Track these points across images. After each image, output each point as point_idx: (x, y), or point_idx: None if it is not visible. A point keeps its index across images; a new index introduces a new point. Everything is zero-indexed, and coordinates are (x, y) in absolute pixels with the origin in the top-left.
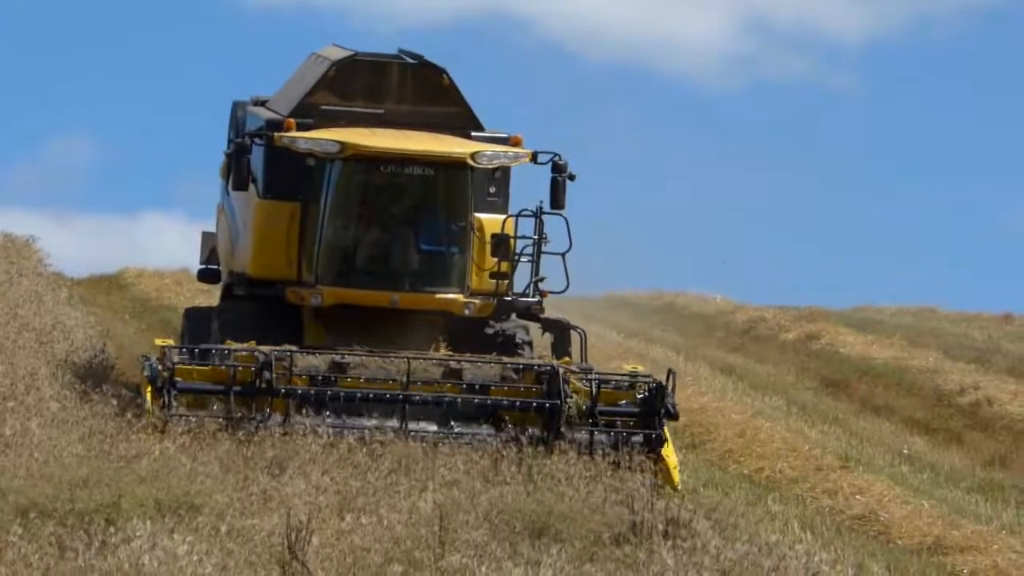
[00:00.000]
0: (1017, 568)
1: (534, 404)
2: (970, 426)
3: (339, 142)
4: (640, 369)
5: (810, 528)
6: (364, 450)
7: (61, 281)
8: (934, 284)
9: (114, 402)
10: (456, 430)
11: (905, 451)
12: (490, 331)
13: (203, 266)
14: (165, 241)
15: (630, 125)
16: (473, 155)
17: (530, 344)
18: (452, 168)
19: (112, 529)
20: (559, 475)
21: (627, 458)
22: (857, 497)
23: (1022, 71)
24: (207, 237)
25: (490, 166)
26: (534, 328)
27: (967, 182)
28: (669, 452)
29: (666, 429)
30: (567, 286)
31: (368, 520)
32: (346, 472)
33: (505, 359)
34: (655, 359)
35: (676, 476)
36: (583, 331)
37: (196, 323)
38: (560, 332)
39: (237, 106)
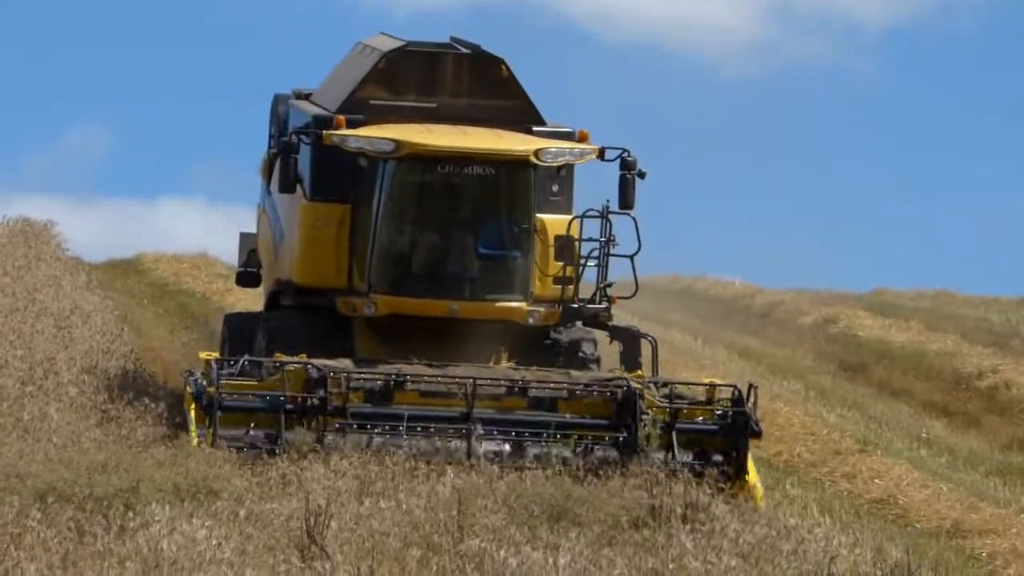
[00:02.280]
0: None
1: (607, 430)
2: (988, 410)
3: (394, 140)
4: (717, 381)
5: (828, 512)
6: None
7: (79, 266)
8: (953, 268)
9: (132, 387)
10: (532, 452)
11: (923, 435)
12: (554, 340)
13: (241, 269)
14: (183, 226)
15: (647, 106)
16: (537, 152)
17: (598, 355)
18: (514, 167)
19: (131, 514)
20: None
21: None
22: (876, 481)
23: None
24: (245, 238)
25: (555, 164)
26: (601, 336)
27: (985, 166)
28: (752, 472)
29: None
30: (636, 290)
31: (387, 504)
32: (365, 456)
33: (574, 372)
34: (673, 343)
35: (760, 497)
36: (654, 339)
37: (237, 331)
38: (630, 340)
39: (278, 100)
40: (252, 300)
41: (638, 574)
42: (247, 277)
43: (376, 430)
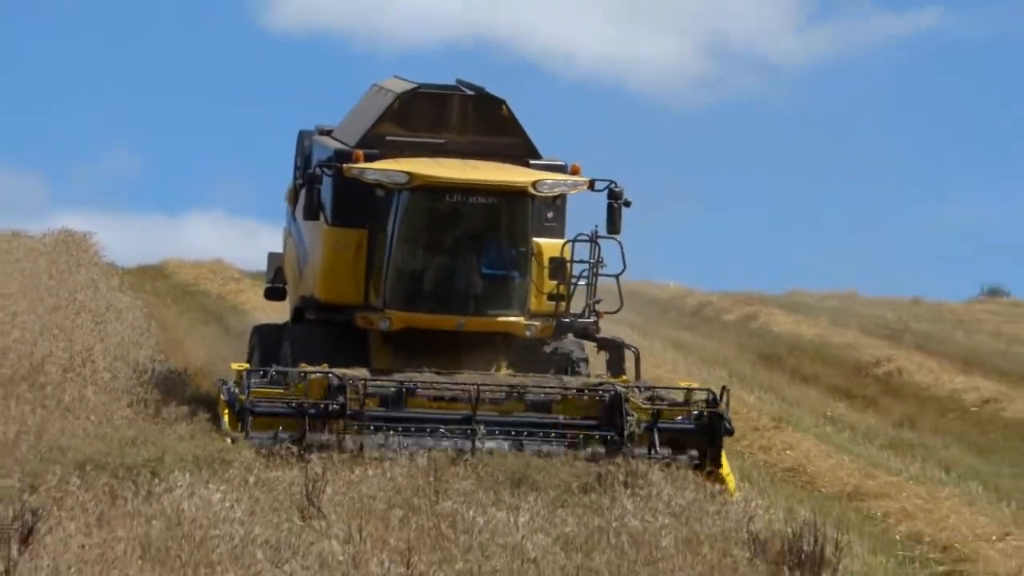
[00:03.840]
0: (922, 511)
1: (597, 430)
2: (883, 393)
3: (407, 172)
4: (694, 385)
5: (748, 479)
6: None
7: (113, 271)
8: (855, 273)
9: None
10: (529, 449)
11: (828, 414)
12: (548, 350)
13: (270, 284)
14: (202, 237)
15: (603, 136)
16: (534, 184)
17: (586, 362)
18: (514, 196)
19: (156, 480)
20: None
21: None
22: (788, 452)
23: (934, 90)
24: (273, 257)
25: (550, 194)
26: (589, 346)
27: (885, 183)
28: (726, 468)
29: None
30: (620, 306)
31: (374, 473)
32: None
33: (566, 379)
34: (617, 335)
35: (733, 485)
36: (636, 349)
37: (267, 341)
38: (615, 350)
39: (303, 136)
40: (263, 300)
41: (586, 531)
42: (275, 292)
43: (391, 432)
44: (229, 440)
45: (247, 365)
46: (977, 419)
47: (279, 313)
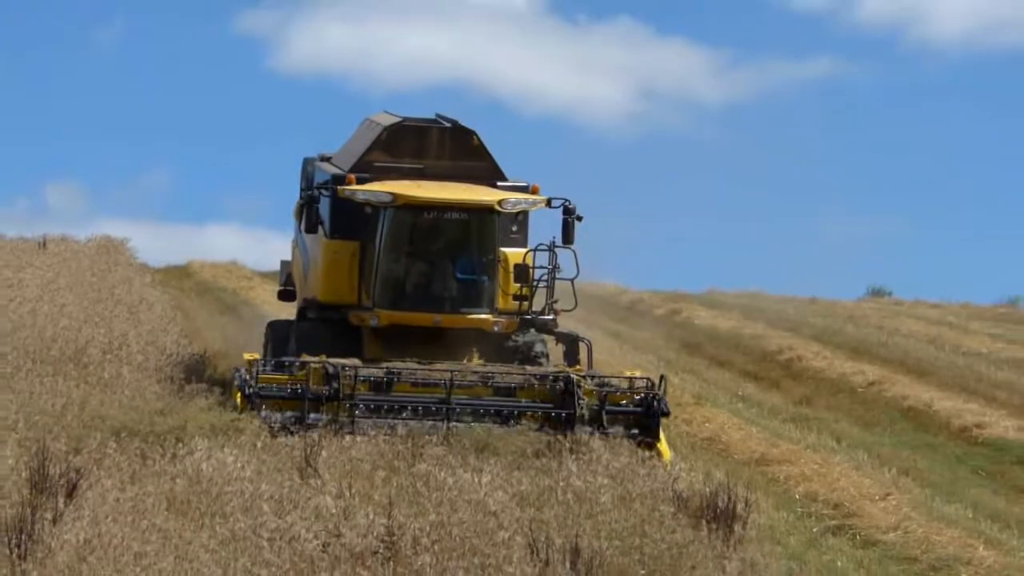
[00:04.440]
0: (817, 475)
1: (553, 411)
2: (786, 376)
3: (392, 193)
4: (637, 374)
5: (672, 446)
6: None
7: (145, 270)
8: (763, 274)
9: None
10: (492, 429)
11: (740, 393)
12: (513, 343)
13: (282, 288)
14: (221, 242)
15: (554, 162)
16: (499, 202)
17: (546, 354)
18: (483, 213)
19: (180, 445)
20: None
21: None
22: (706, 424)
23: (827, 123)
24: (284, 265)
25: (513, 211)
26: (549, 340)
27: (787, 200)
28: (663, 444)
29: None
30: (575, 305)
31: (361, 440)
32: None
33: (528, 368)
34: (572, 330)
35: (668, 456)
36: (589, 341)
37: (279, 334)
38: (571, 343)
39: (307, 162)
40: (272, 295)
41: (538, 489)
42: (286, 294)
43: (379, 413)
44: (241, 414)
45: (257, 355)
46: (863, 398)
47: (282, 307)
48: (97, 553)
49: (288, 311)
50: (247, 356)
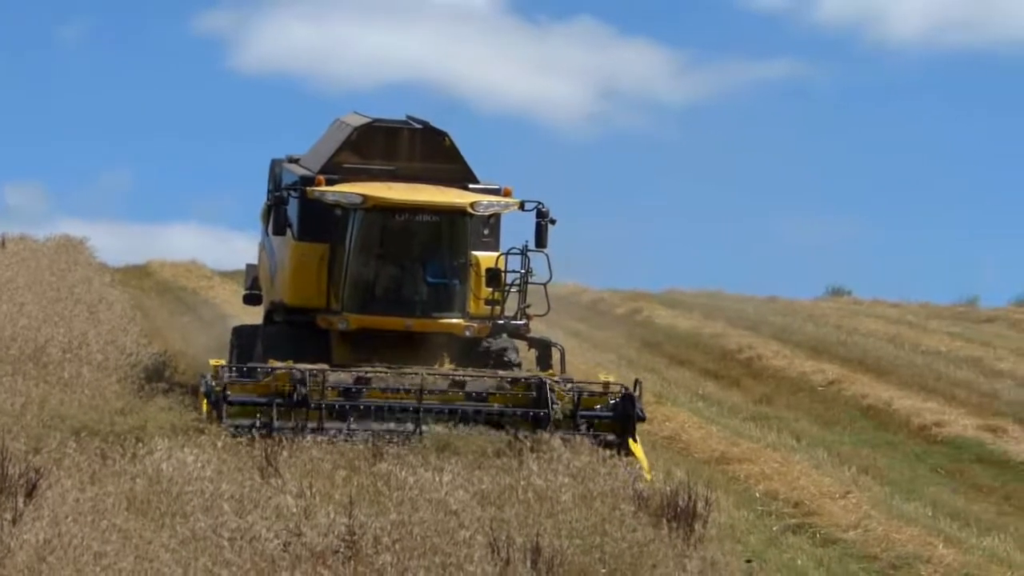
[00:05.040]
0: (777, 473)
1: (530, 413)
2: (746, 374)
3: (362, 195)
4: (612, 379)
5: None
6: None
7: (105, 269)
8: (722, 274)
9: (143, 356)
10: (463, 433)
11: (700, 392)
12: (485, 348)
13: (247, 291)
14: (181, 242)
15: (517, 162)
16: (472, 204)
17: (519, 359)
18: (454, 216)
19: (140, 444)
20: None
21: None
22: (666, 423)
23: (785, 123)
24: (251, 268)
25: (486, 214)
26: (521, 344)
27: (747, 200)
28: (637, 448)
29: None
30: (548, 309)
31: (322, 439)
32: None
33: (500, 372)
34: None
35: (647, 467)
36: (562, 347)
37: (244, 340)
38: (543, 348)
39: (275, 163)
40: (232, 294)
41: (498, 488)
42: (252, 298)
43: (352, 419)
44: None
45: (223, 361)
46: (823, 397)
47: (242, 304)
48: (57, 553)
49: (253, 315)
50: (213, 362)
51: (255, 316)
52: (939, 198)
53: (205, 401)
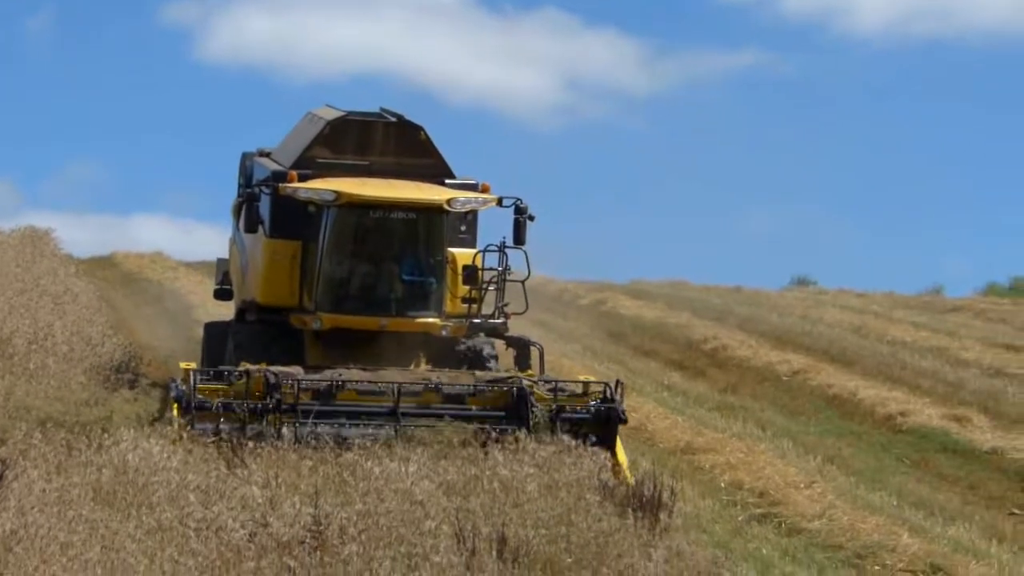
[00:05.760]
0: (742, 463)
1: (510, 417)
2: (711, 364)
3: (335, 191)
4: (592, 379)
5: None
6: None
7: (70, 261)
8: (687, 264)
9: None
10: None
11: (665, 382)
12: (462, 347)
13: (218, 287)
14: (146, 233)
15: (481, 153)
16: (449, 201)
17: (496, 358)
18: (431, 212)
19: (106, 435)
20: None
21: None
22: (632, 413)
23: (753, 112)
24: (221, 263)
25: (463, 210)
26: (499, 344)
27: (712, 191)
28: (619, 450)
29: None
30: (526, 308)
31: (288, 432)
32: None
33: (478, 373)
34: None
35: (628, 471)
36: (541, 346)
37: (214, 337)
38: (521, 347)
39: (245, 157)
40: (197, 285)
41: (464, 478)
42: (223, 293)
43: (322, 423)
44: (175, 435)
45: (193, 365)
46: (788, 387)
47: (208, 297)
48: (23, 543)
49: (220, 307)
50: (183, 365)
51: (222, 308)
52: (904, 188)
53: (176, 406)
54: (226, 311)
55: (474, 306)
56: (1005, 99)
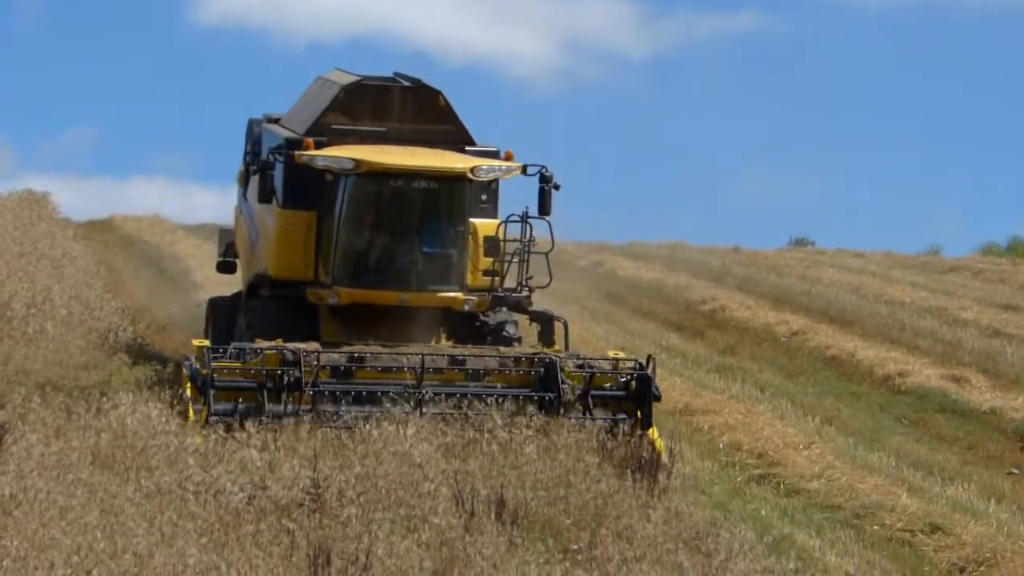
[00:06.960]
0: (741, 424)
1: (541, 395)
2: (709, 326)
3: (354, 159)
4: (621, 355)
5: None
6: None
7: (68, 224)
8: (685, 225)
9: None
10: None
11: (664, 343)
12: (483, 322)
13: (221, 259)
14: (143, 196)
15: (479, 116)
16: (472, 169)
17: (519, 334)
18: (453, 181)
19: (105, 399)
20: None
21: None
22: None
23: (752, 75)
24: (224, 233)
25: (486, 179)
26: (522, 318)
27: (710, 152)
28: (653, 430)
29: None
30: (550, 281)
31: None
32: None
33: (503, 349)
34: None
35: (661, 447)
36: (565, 321)
37: (221, 314)
38: (545, 322)
39: (253, 123)
40: (196, 248)
41: (462, 441)
42: (226, 265)
43: (342, 401)
44: (192, 415)
45: (206, 342)
46: (787, 348)
47: (207, 259)
48: (23, 507)
49: (208, 258)
50: (196, 342)
51: (223, 277)
52: (902, 148)
53: (189, 386)
54: (228, 284)
55: (496, 279)
56: (1003, 59)
